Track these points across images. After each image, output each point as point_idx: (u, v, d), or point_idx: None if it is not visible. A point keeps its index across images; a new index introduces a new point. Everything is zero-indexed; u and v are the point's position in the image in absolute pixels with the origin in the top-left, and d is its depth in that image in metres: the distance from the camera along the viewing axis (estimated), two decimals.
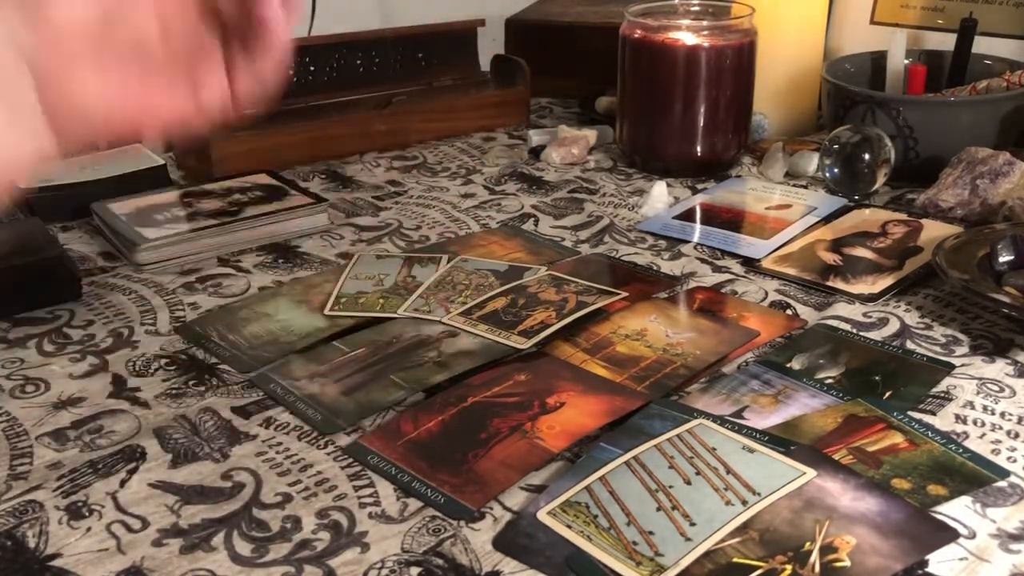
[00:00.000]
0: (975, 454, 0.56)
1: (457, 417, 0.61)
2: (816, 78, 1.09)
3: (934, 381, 0.64)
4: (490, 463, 0.56)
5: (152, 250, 0.83)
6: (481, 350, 0.68)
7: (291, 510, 0.54)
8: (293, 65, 1.12)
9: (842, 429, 0.58)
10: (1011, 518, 0.51)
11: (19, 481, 0.56)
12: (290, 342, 0.70)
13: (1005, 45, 1.06)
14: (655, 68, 0.99)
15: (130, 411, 0.63)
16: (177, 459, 0.58)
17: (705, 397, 0.63)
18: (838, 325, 0.71)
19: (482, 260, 0.82)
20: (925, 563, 0.49)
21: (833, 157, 0.93)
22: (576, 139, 1.07)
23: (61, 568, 0.50)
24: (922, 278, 0.78)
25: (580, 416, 0.60)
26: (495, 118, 1.18)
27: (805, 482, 0.53)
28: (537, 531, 0.51)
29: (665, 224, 0.90)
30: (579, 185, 1.00)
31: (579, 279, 0.78)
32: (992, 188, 0.86)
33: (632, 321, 0.72)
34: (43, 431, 0.61)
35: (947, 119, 0.95)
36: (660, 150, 1.02)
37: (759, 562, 0.48)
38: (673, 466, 0.55)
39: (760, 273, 0.80)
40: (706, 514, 0.51)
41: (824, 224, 0.88)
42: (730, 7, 1.02)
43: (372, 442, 0.59)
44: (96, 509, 0.54)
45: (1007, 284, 0.70)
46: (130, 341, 0.72)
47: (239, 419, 0.62)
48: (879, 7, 1.16)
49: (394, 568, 0.49)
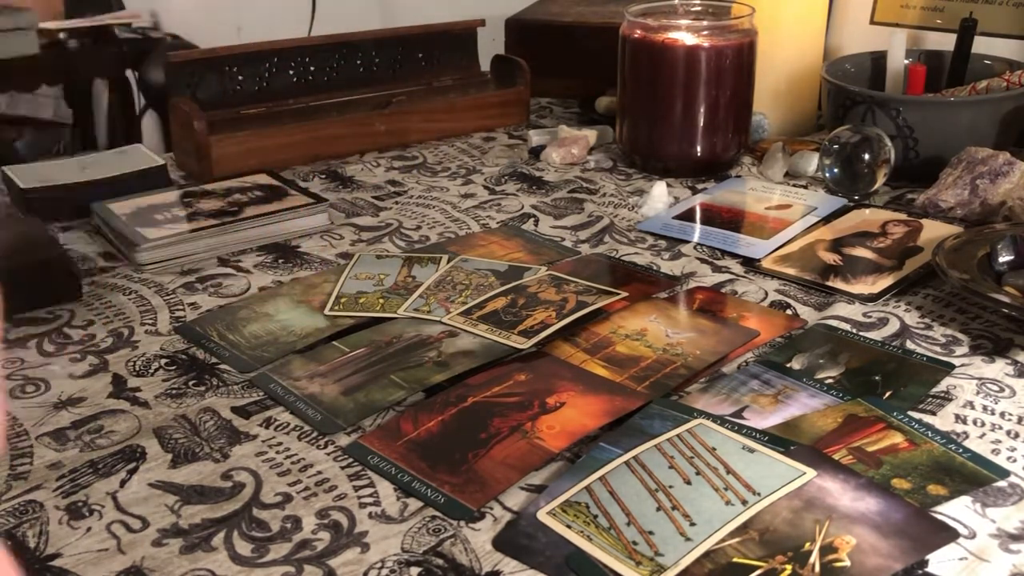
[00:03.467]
0: (975, 454, 0.56)
1: (457, 417, 0.61)
2: (816, 78, 1.09)
3: (934, 381, 0.64)
4: (490, 463, 0.56)
5: (152, 250, 0.83)
6: (481, 350, 0.68)
7: (291, 510, 0.54)
8: (293, 65, 1.12)
9: (842, 429, 0.58)
10: (1011, 518, 0.51)
11: (19, 481, 0.56)
12: (290, 342, 0.70)
13: (1005, 45, 1.06)
14: (655, 68, 0.99)
15: (130, 411, 0.63)
16: (177, 459, 0.58)
17: (705, 397, 0.63)
18: (838, 325, 0.71)
19: (482, 260, 0.82)
20: (925, 563, 0.49)
21: (833, 157, 0.93)
22: (576, 139, 1.07)
23: (61, 568, 0.50)
24: (922, 278, 0.78)
25: (580, 416, 0.60)
26: (495, 118, 1.18)
27: (805, 482, 0.53)
28: (537, 531, 0.51)
29: (665, 224, 0.90)
30: (579, 185, 1.00)
31: (579, 279, 0.78)
32: (992, 188, 0.86)
33: (632, 321, 0.72)
34: (43, 431, 0.61)
35: (947, 119, 0.95)
36: (660, 150, 1.02)
37: (759, 562, 0.48)
38: (673, 466, 0.55)
39: (760, 273, 0.80)
40: (706, 514, 0.51)
41: (824, 224, 0.88)
42: (730, 7, 1.02)
43: (372, 442, 0.59)
44: (96, 509, 0.54)
45: (1007, 284, 0.70)
46: (130, 341, 0.72)
47: (239, 419, 0.62)
48: (879, 7, 1.16)
49: (394, 568, 0.49)
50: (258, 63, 1.11)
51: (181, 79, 1.07)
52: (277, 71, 1.12)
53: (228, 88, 1.09)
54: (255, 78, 1.11)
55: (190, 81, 1.07)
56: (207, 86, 1.08)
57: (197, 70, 1.07)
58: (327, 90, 1.15)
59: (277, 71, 1.12)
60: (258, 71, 1.11)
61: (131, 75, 2.34)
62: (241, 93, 1.10)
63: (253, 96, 1.10)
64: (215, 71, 1.08)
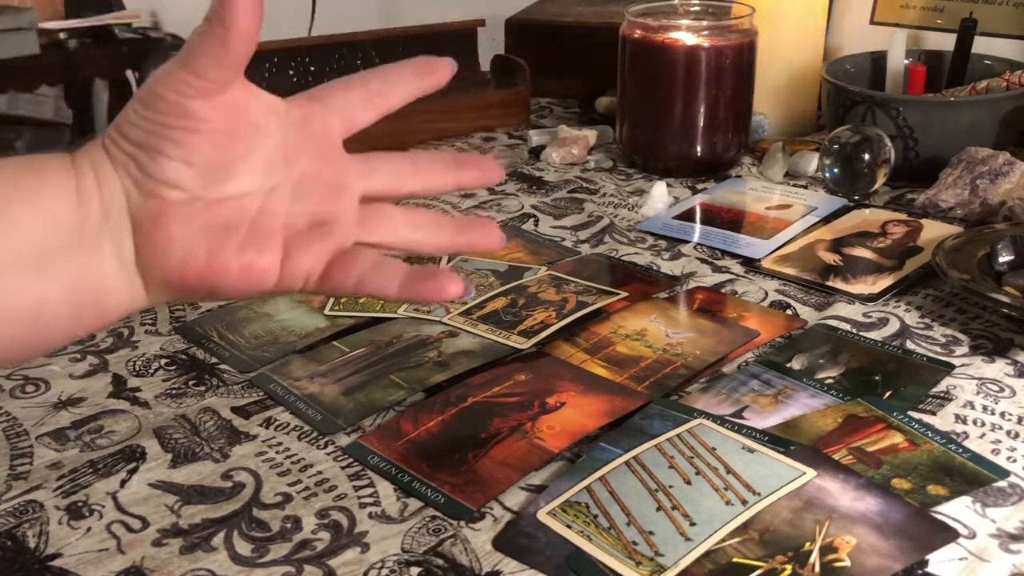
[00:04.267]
0: (975, 454, 0.56)
1: (457, 417, 0.61)
2: (816, 78, 1.09)
3: (934, 381, 0.64)
4: (490, 463, 0.56)
5: None
6: (481, 350, 0.68)
7: (291, 510, 0.54)
8: (293, 65, 1.12)
9: (842, 429, 0.58)
10: (1011, 518, 0.51)
11: (19, 481, 0.56)
12: (290, 342, 0.70)
13: (1005, 45, 1.06)
14: (655, 68, 0.99)
15: (130, 411, 0.63)
16: (177, 459, 0.58)
17: (705, 397, 0.63)
18: (838, 325, 0.71)
19: (482, 260, 0.82)
20: (925, 563, 0.49)
21: (833, 157, 0.93)
22: (576, 139, 1.07)
23: (61, 568, 0.50)
24: (922, 278, 0.78)
25: (580, 416, 0.60)
26: (495, 118, 1.18)
27: (805, 482, 0.53)
28: (537, 531, 0.51)
29: (665, 224, 0.90)
30: (579, 185, 1.00)
31: (579, 279, 0.78)
32: (992, 188, 0.86)
33: (632, 321, 0.72)
34: (43, 431, 0.61)
35: (947, 119, 0.95)
36: (660, 150, 1.02)
37: (759, 562, 0.48)
38: (673, 466, 0.55)
39: (760, 273, 0.80)
40: (706, 514, 0.51)
41: (824, 224, 0.88)
42: (730, 7, 1.02)
43: (372, 442, 0.59)
44: (96, 509, 0.54)
45: (1007, 284, 0.70)
46: (130, 341, 0.72)
47: (239, 419, 0.62)
48: (879, 7, 1.16)
49: (394, 568, 0.49)
50: (258, 63, 1.10)
51: None
52: (277, 71, 1.12)
53: None
54: (255, 78, 1.08)
55: None
56: None
57: None
58: None
59: (277, 71, 1.12)
60: (258, 71, 1.11)
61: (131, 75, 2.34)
62: None
63: None
64: None
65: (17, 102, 2.47)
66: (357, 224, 0.45)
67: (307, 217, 0.43)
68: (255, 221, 0.42)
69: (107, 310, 0.42)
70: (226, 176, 0.42)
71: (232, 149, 0.42)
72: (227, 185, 0.42)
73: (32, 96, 2.41)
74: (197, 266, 0.41)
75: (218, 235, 0.41)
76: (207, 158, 0.41)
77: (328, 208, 0.44)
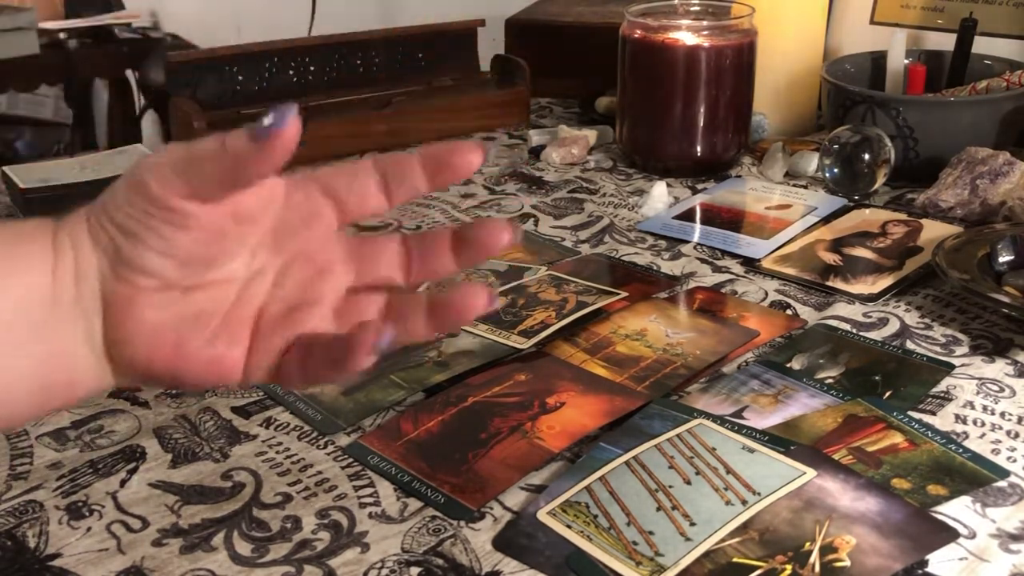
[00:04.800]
0: (975, 454, 0.56)
1: (457, 417, 0.61)
2: (816, 78, 1.09)
3: (934, 381, 0.64)
4: (490, 463, 0.56)
5: None
6: (481, 350, 0.68)
7: (291, 510, 0.54)
8: (293, 65, 1.12)
9: (842, 429, 0.58)
10: (1011, 518, 0.51)
11: (19, 481, 0.56)
12: None
13: (1005, 45, 1.06)
14: (655, 68, 0.99)
15: (130, 411, 0.63)
16: (177, 459, 0.58)
17: (705, 397, 0.63)
18: (838, 325, 0.71)
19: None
20: (925, 563, 0.49)
21: (833, 157, 0.93)
22: (576, 139, 1.07)
23: (61, 568, 0.50)
24: (922, 278, 0.78)
25: (580, 416, 0.60)
26: (495, 118, 1.18)
27: (805, 482, 0.53)
28: (537, 531, 0.51)
29: (665, 224, 0.90)
30: (579, 185, 1.00)
31: (579, 279, 0.78)
32: (992, 188, 0.86)
33: (632, 321, 0.72)
34: (43, 431, 0.61)
35: (947, 119, 0.95)
36: (660, 150, 1.02)
37: (759, 562, 0.48)
38: (673, 466, 0.55)
39: (760, 273, 0.80)
40: (706, 514, 0.51)
41: (824, 224, 0.88)
42: (730, 7, 1.02)
43: (372, 442, 0.59)
44: (96, 509, 0.54)
45: (1007, 284, 0.70)
46: None
47: (239, 419, 0.62)
48: (879, 7, 1.16)
49: (394, 568, 0.49)
50: (258, 63, 1.11)
51: (181, 79, 1.07)
52: (277, 71, 1.12)
53: (228, 88, 1.09)
54: (255, 78, 1.11)
55: (190, 81, 1.07)
56: (207, 86, 1.08)
57: (197, 70, 1.07)
58: (327, 90, 1.15)
59: (277, 71, 1.12)
60: (258, 71, 1.11)
61: (131, 75, 2.34)
62: (241, 93, 1.10)
63: (253, 96, 1.10)
64: (215, 71, 1.08)
65: (17, 102, 2.47)
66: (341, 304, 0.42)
67: (284, 304, 0.41)
68: (229, 312, 0.40)
69: (75, 390, 0.40)
70: (207, 267, 0.39)
71: (219, 244, 0.39)
72: (207, 274, 0.39)
73: (32, 96, 2.41)
74: (164, 355, 0.39)
75: (189, 324, 0.39)
76: (190, 253, 0.38)
77: (310, 295, 0.41)
